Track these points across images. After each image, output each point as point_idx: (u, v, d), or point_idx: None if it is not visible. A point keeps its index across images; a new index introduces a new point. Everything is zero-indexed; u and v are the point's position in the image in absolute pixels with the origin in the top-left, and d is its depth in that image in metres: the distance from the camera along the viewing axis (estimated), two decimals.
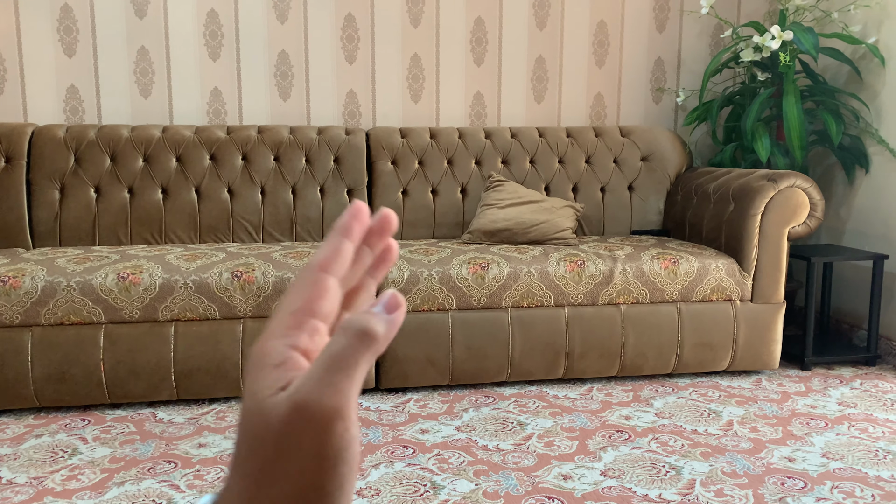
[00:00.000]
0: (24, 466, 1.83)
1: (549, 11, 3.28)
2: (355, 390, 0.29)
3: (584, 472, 1.81)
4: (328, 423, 0.28)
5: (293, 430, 0.28)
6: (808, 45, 2.70)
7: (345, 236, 0.32)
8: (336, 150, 2.91)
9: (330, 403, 0.28)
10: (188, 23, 3.03)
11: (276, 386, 0.29)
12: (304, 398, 0.28)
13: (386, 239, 0.34)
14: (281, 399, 0.28)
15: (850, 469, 1.84)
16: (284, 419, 0.28)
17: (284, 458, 0.28)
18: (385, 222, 0.34)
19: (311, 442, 0.28)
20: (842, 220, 3.09)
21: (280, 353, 0.30)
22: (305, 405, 0.28)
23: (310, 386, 0.28)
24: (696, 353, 2.50)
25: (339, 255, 0.32)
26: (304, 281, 0.31)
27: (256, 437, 0.29)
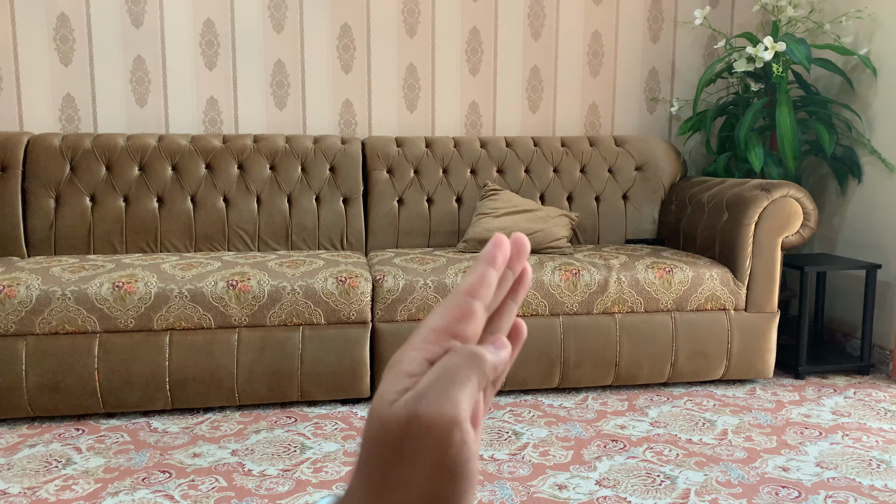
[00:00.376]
0: (17, 476, 1.82)
1: (543, 22, 3.30)
2: (468, 404, 0.30)
3: (579, 481, 1.81)
4: (446, 431, 0.29)
5: (412, 437, 0.30)
6: (800, 56, 2.72)
7: (489, 265, 0.35)
8: (332, 158, 2.92)
9: (446, 412, 0.29)
10: (184, 32, 3.03)
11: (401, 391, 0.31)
12: (423, 406, 0.30)
13: (524, 260, 0.37)
14: (400, 405, 0.30)
15: (844, 478, 1.84)
16: (404, 424, 0.30)
17: (405, 464, 0.30)
18: (520, 245, 0.36)
19: (429, 450, 0.29)
20: (835, 230, 3.11)
21: (415, 362, 0.32)
22: (424, 412, 0.30)
23: (428, 393, 0.30)
24: (691, 362, 2.51)
25: (485, 282, 0.34)
26: (451, 303, 0.34)
27: (377, 440, 0.30)
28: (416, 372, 0.31)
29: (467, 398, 0.30)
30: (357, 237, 2.90)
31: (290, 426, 2.18)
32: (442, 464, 0.29)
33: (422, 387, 0.30)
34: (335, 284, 2.28)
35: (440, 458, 0.29)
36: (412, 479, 0.29)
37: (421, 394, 0.30)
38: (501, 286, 0.36)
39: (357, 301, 2.29)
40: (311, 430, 2.14)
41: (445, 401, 0.30)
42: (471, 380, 0.31)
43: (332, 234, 2.88)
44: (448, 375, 0.31)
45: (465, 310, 0.33)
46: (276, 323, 2.27)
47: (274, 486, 1.78)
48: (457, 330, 0.33)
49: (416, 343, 0.32)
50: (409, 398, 0.30)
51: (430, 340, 0.32)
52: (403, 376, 0.31)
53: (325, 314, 2.28)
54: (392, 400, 0.31)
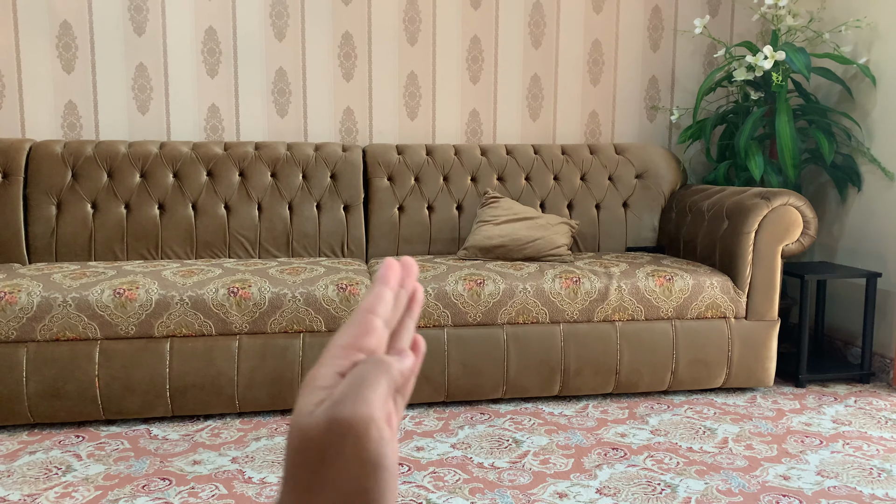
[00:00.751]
0: (17, 483, 1.82)
1: (544, 30, 3.32)
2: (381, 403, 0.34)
3: (579, 490, 1.81)
4: (363, 428, 0.32)
5: (333, 439, 0.32)
6: (800, 65, 2.73)
7: (384, 284, 0.39)
8: (333, 166, 2.93)
9: (361, 412, 0.33)
10: (186, 40, 3.05)
11: (316, 403, 0.34)
12: (340, 409, 0.33)
13: (413, 280, 0.41)
14: (319, 413, 0.33)
15: (844, 487, 1.84)
16: (324, 430, 0.32)
17: (328, 465, 0.32)
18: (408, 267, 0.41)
19: (350, 448, 0.32)
20: (835, 238, 3.12)
21: (327, 377, 0.35)
22: (341, 415, 0.32)
23: (343, 399, 0.33)
24: (691, 370, 2.51)
25: (381, 299, 0.38)
26: (354, 321, 0.38)
27: (300, 449, 0.33)
28: (329, 384, 0.35)
29: (379, 398, 0.33)
30: (358, 244, 2.90)
31: None
32: (363, 458, 0.32)
33: (337, 394, 0.33)
34: (336, 292, 2.29)
35: (361, 454, 0.32)
36: (338, 478, 0.32)
37: (337, 400, 0.33)
38: (398, 304, 0.40)
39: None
40: None
41: (360, 402, 0.33)
42: (381, 382, 0.34)
43: (333, 241, 2.88)
44: (360, 381, 0.34)
45: (366, 326, 0.37)
46: (277, 330, 2.27)
47: (274, 493, 1.78)
48: (361, 344, 0.36)
49: (326, 360, 0.36)
50: (327, 406, 0.33)
51: (339, 356, 0.36)
52: (318, 389, 0.34)
53: (325, 321, 2.28)
54: (310, 411, 0.33)
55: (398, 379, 0.36)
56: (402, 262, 0.41)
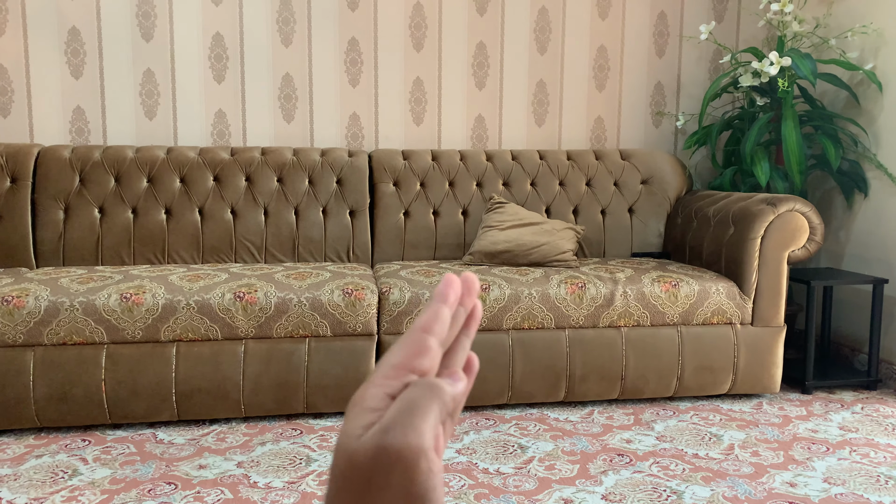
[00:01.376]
0: (24, 487, 1.83)
1: (549, 36, 3.33)
2: (431, 433, 0.32)
3: (585, 496, 1.81)
4: (413, 461, 0.31)
5: (381, 468, 0.31)
6: (806, 71, 2.73)
7: (442, 302, 0.37)
8: (339, 171, 2.94)
9: (412, 442, 0.31)
10: (194, 46, 3.07)
11: (366, 426, 0.32)
12: (390, 438, 0.31)
13: (474, 297, 0.39)
14: (367, 439, 0.32)
15: (851, 494, 1.83)
16: (372, 457, 0.31)
17: (374, 494, 0.31)
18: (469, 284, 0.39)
19: (399, 480, 0.31)
20: (841, 244, 3.11)
21: (377, 398, 0.33)
22: (391, 444, 0.31)
23: (393, 426, 0.32)
24: (697, 376, 2.50)
25: (438, 318, 0.36)
26: (408, 339, 0.36)
27: (346, 475, 0.32)
28: (379, 407, 0.33)
29: (430, 427, 0.32)
30: (363, 249, 2.91)
31: (295, 438, 2.18)
32: (410, 492, 0.31)
33: (387, 420, 0.32)
34: (341, 296, 2.29)
35: (409, 487, 0.31)
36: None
37: (387, 427, 0.31)
38: (455, 322, 0.38)
39: (363, 313, 2.30)
40: (316, 443, 2.14)
41: (411, 431, 0.31)
42: (432, 409, 0.32)
43: (339, 246, 2.89)
44: (411, 407, 0.32)
45: (421, 346, 0.35)
46: (283, 335, 2.27)
47: (279, 498, 1.78)
48: (414, 365, 0.35)
49: (376, 380, 0.34)
50: (376, 431, 0.31)
51: (390, 376, 0.34)
52: (367, 412, 0.33)
53: (331, 326, 2.29)
54: (358, 435, 0.32)
55: (450, 405, 0.34)
56: (463, 278, 0.39)
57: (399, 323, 2.34)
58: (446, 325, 0.37)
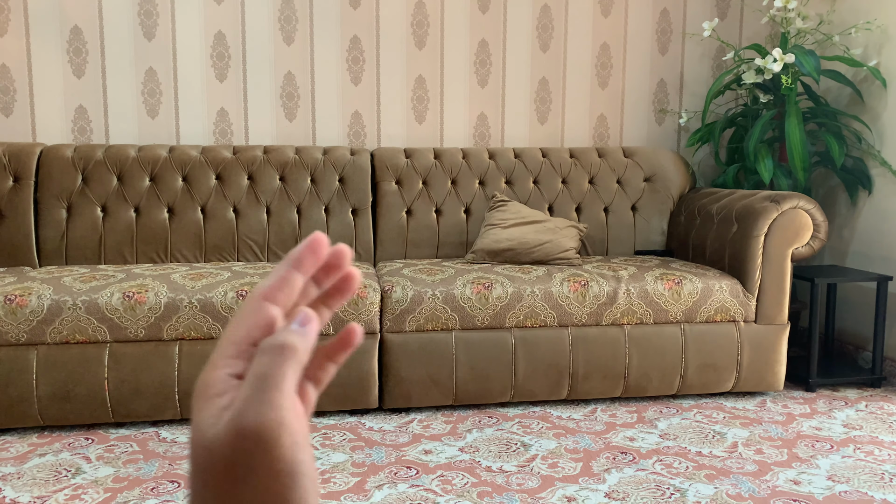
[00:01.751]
0: (27, 485, 1.83)
1: (552, 34, 3.32)
2: (291, 402, 0.29)
3: (588, 493, 1.80)
4: (274, 437, 0.28)
5: (241, 453, 0.28)
6: (809, 68, 2.72)
7: (295, 268, 0.32)
8: (341, 170, 2.94)
9: (271, 417, 0.28)
10: (196, 44, 3.07)
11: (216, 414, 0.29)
12: (244, 419, 0.28)
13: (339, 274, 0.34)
14: (222, 426, 0.29)
15: (856, 492, 1.82)
16: (231, 444, 0.28)
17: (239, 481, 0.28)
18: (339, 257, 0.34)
19: (262, 459, 0.28)
20: (845, 242, 3.10)
21: (221, 381, 0.30)
22: (248, 425, 0.28)
23: (247, 406, 0.29)
24: (701, 374, 2.50)
25: (286, 285, 0.32)
26: (248, 309, 0.32)
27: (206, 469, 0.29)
28: (226, 390, 0.30)
29: (287, 395, 0.29)
30: (366, 248, 2.91)
31: None
32: (277, 469, 0.29)
33: (239, 401, 0.29)
34: None
35: (275, 465, 0.29)
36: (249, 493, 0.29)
37: (240, 408, 0.29)
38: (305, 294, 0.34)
39: (366, 311, 2.30)
40: (319, 441, 2.14)
41: (266, 407, 0.29)
42: (286, 374, 0.29)
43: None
44: (261, 380, 0.29)
45: (263, 317, 0.31)
46: None
47: None
48: (256, 338, 0.31)
49: (217, 362, 0.31)
50: (229, 417, 0.29)
51: (231, 355, 0.31)
52: (214, 398, 0.30)
53: (333, 324, 2.28)
54: (212, 424, 0.29)
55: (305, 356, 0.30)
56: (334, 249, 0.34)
57: (402, 321, 2.33)
58: (294, 293, 0.32)
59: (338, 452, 2.06)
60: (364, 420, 2.33)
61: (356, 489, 1.82)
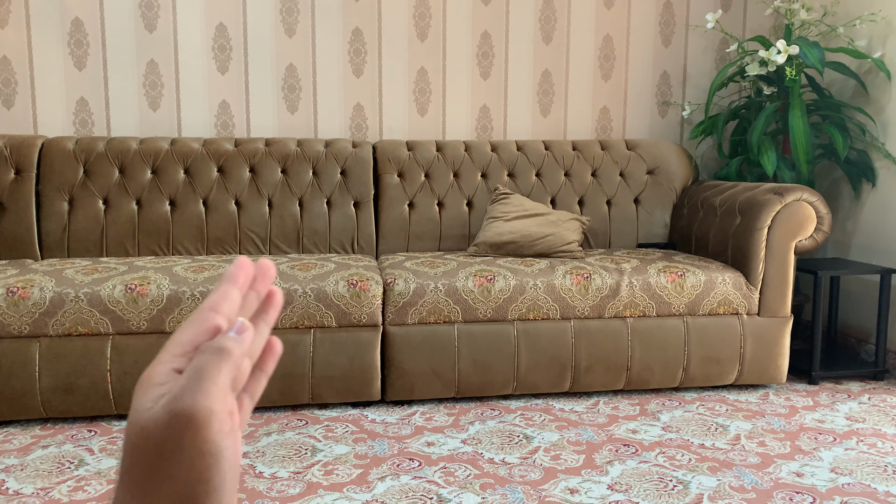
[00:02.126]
0: (30, 477, 1.83)
1: (555, 26, 3.30)
2: (222, 394, 0.33)
3: (590, 486, 1.80)
4: (204, 421, 0.32)
5: (173, 433, 0.32)
6: (813, 60, 2.71)
7: (231, 283, 0.38)
8: (343, 162, 2.93)
9: (203, 404, 0.32)
10: (197, 36, 3.06)
11: (154, 399, 0.33)
12: (180, 403, 0.32)
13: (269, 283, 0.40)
14: (158, 409, 0.33)
15: (859, 484, 1.82)
16: (164, 425, 0.32)
17: (168, 459, 0.32)
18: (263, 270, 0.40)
19: (191, 440, 0.32)
20: (848, 234, 3.09)
21: (164, 374, 0.34)
22: (182, 409, 0.32)
23: (183, 393, 0.33)
24: (703, 366, 2.49)
25: (226, 298, 0.37)
26: (195, 318, 0.36)
27: (138, 447, 0.33)
28: (166, 381, 0.34)
29: (220, 389, 0.33)
30: (368, 241, 2.90)
31: (301, 429, 2.18)
32: (203, 450, 0.32)
33: (176, 388, 0.33)
34: (346, 287, 2.29)
35: (201, 445, 0.32)
36: (177, 472, 0.32)
37: (176, 394, 0.33)
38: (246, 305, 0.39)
39: (368, 304, 2.30)
40: (322, 433, 2.14)
41: (199, 394, 0.32)
42: (221, 371, 0.33)
43: (343, 237, 2.88)
44: (199, 372, 0.33)
45: (208, 324, 0.36)
46: (288, 326, 2.27)
47: (285, 488, 1.78)
48: (201, 342, 0.35)
49: (163, 357, 0.35)
50: (166, 401, 0.33)
51: (177, 353, 0.35)
52: (155, 386, 0.34)
53: (336, 317, 2.28)
54: (149, 407, 0.33)
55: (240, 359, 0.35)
56: (258, 264, 0.40)
57: (404, 314, 2.33)
58: (235, 305, 0.38)
59: (340, 444, 2.06)
60: (367, 412, 2.33)
61: (359, 481, 1.82)
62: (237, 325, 0.36)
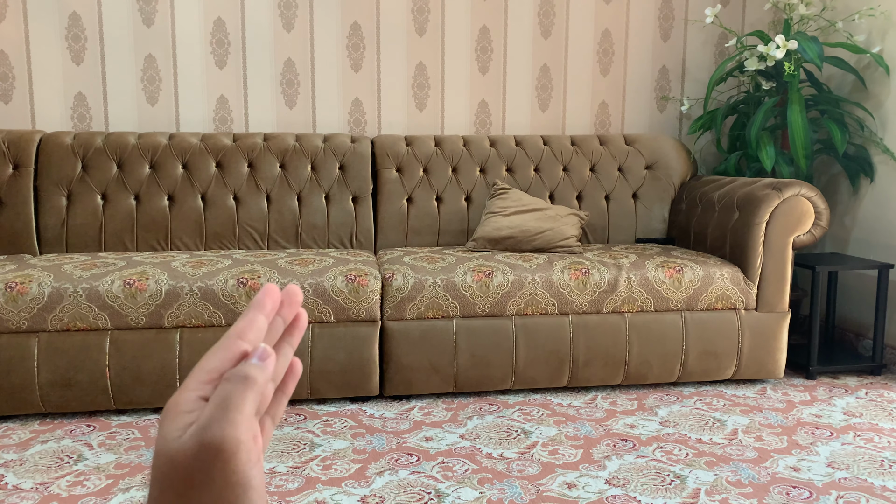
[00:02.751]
0: (29, 472, 1.84)
1: (553, 20, 3.30)
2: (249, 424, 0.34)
3: (588, 480, 1.81)
4: (232, 452, 0.32)
5: (202, 464, 0.32)
6: (812, 55, 2.71)
7: (258, 310, 0.38)
8: (341, 157, 2.93)
9: (230, 434, 0.32)
10: (195, 31, 3.05)
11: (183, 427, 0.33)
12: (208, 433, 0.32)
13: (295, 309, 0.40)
14: (186, 438, 0.33)
15: (855, 479, 1.83)
16: (193, 455, 0.32)
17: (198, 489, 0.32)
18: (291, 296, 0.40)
19: (220, 472, 0.32)
20: (846, 229, 3.09)
21: (191, 401, 0.34)
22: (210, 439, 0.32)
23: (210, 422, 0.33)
24: (701, 361, 2.50)
25: (253, 325, 0.37)
26: (222, 346, 0.36)
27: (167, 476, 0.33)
28: (194, 409, 0.34)
29: (246, 418, 0.33)
30: (366, 236, 2.90)
31: (299, 423, 2.18)
32: (232, 481, 0.32)
33: (204, 417, 0.33)
34: (345, 282, 2.29)
35: (230, 477, 0.32)
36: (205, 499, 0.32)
37: (204, 424, 0.33)
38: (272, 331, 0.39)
39: (366, 299, 2.30)
40: (320, 428, 2.15)
41: (227, 424, 0.33)
42: (247, 399, 0.34)
43: (342, 232, 2.88)
44: (225, 401, 0.33)
45: (235, 352, 0.36)
46: None
47: (283, 483, 1.78)
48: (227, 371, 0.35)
49: (190, 384, 0.35)
50: (194, 431, 0.33)
51: (204, 381, 0.35)
52: (183, 415, 0.34)
53: (334, 312, 2.29)
54: (177, 437, 0.33)
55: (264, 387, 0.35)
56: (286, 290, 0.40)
57: (402, 309, 2.33)
58: (262, 332, 0.38)
59: (339, 439, 2.06)
60: (365, 407, 2.34)
61: (357, 475, 1.82)
62: (260, 351, 0.36)
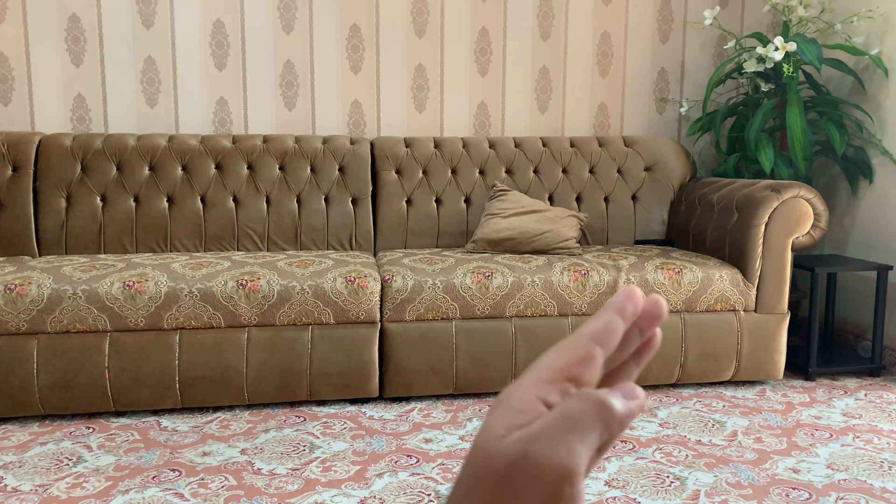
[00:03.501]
0: (28, 474, 1.83)
1: (553, 22, 3.30)
2: (585, 457, 0.28)
3: (588, 482, 1.81)
4: (556, 481, 0.27)
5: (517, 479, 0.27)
6: (811, 56, 2.71)
7: (618, 314, 0.32)
8: (341, 159, 2.93)
9: (560, 461, 0.27)
10: (195, 33, 3.05)
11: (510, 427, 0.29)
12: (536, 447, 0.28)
13: (656, 323, 0.34)
14: (511, 441, 0.28)
15: (855, 480, 1.83)
16: (511, 463, 0.28)
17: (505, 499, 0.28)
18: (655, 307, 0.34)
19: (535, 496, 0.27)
20: (845, 231, 3.09)
21: (527, 400, 0.30)
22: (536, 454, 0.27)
23: (544, 436, 0.28)
24: (700, 363, 2.50)
25: (610, 330, 0.32)
26: (572, 344, 0.31)
27: (479, 476, 0.28)
28: (527, 409, 0.29)
29: (586, 449, 0.28)
30: (366, 237, 2.91)
31: (299, 425, 2.18)
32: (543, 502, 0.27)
33: (538, 427, 0.28)
34: (344, 284, 2.29)
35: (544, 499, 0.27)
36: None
37: (536, 434, 0.28)
38: (626, 343, 0.34)
39: (366, 301, 2.30)
40: (320, 430, 2.15)
41: (561, 447, 0.28)
42: (593, 430, 0.28)
43: (341, 234, 2.88)
44: (569, 421, 0.28)
45: (586, 353, 0.31)
46: (286, 322, 2.27)
47: (283, 485, 1.78)
48: (574, 373, 0.31)
49: (529, 380, 0.31)
50: (522, 436, 0.28)
51: (545, 380, 0.30)
52: (514, 412, 0.29)
53: (334, 314, 2.29)
54: (501, 435, 0.29)
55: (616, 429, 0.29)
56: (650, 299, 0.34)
57: (402, 310, 2.33)
58: (617, 338, 0.32)
59: (338, 441, 2.06)
60: (364, 409, 2.34)
61: (357, 477, 1.82)
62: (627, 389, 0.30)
